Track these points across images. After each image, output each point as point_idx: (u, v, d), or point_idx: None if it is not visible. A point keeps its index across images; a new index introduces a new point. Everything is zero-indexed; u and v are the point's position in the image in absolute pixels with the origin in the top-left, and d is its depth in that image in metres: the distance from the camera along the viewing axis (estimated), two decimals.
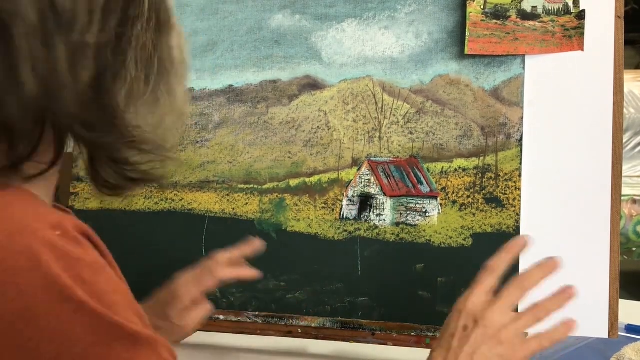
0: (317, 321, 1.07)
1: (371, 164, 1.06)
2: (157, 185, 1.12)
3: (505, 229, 1.00)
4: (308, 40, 1.09)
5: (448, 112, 1.04)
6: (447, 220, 1.02)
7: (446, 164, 1.03)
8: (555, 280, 0.99)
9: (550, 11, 0.99)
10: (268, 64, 1.11)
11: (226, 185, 1.11)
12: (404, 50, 1.06)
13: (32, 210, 0.55)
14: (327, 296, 1.06)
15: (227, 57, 1.12)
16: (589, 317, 0.98)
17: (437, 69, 1.04)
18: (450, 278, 1.02)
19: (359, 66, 1.07)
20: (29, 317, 0.47)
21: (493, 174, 1.01)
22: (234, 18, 1.12)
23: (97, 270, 0.52)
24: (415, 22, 1.05)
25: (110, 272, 0.54)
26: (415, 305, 1.03)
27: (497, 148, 1.01)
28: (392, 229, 1.04)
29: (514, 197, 1.00)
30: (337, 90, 1.08)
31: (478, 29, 1.01)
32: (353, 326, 1.06)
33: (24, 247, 0.49)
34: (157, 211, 1.13)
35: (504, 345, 0.72)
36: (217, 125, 1.12)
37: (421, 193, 1.04)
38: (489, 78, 1.02)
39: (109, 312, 0.50)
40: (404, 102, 1.05)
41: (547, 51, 1.00)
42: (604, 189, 0.97)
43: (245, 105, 1.11)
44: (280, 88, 1.10)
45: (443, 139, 1.04)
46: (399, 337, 1.05)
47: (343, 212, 1.06)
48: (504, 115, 1.01)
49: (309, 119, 1.09)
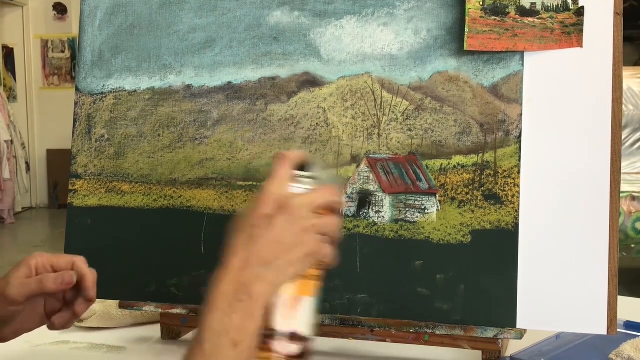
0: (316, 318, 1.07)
1: (370, 161, 1.06)
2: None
3: (504, 226, 1.00)
4: (307, 37, 1.09)
5: (447, 109, 1.04)
6: (446, 217, 1.02)
7: (445, 161, 1.03)
8: (554, 276, 0.99)
9: (549, 8, 0.99)
10: (267, 60, 1.11)
11: (225, 182, 1.11)
12: (402, 47, 1.06)
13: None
14: (326, 293, 1.06)
15: (226, 54, 1.12)
16: (587, 314, 0.98)
17: (436, 65, 1.04)
18: (449, 275, 1.02)
19: (357, 63, 1.07)
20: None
21: (492, 171, 1.01)
22: (232, 15, 1.12)
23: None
24: (414, 19, 1.05)
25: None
26: (414, 302, 1.03)
27: (496, 145, 1.01)
28: (391, 225, 1.04)
29: (512, 193, 1.00)
30: (336, 87, 1.08)
31: (477, 26, 1.01)
32: (352, 323, 1.06)
33: None
34: (155, 208, 1.13)
35: (308, 234, 0.72)
36: (216, 122, 1.12)
37: (420, 190, 1.04)
38: (487, 75, 1.02)
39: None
40: (402, 99, 1.05)
41: (546, 48, 1.00)
42: (602, 185, 0.97)
43: (244, 102, 1.11)
44: (279, 85, 1.10)
45: (442, 136, 1.04)
46: (398, 334, 1.06)
47: (342, 209, 1.06)
48: (502, 112, 1.01)
49: (307, 116, 1.08)
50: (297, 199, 0.73)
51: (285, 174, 0.74)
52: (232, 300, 0.69)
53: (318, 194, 0.74)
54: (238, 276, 0.70)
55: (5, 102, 7.18)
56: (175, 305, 1.13)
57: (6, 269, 0.92)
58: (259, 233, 0.71)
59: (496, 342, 1.02)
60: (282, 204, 0.72)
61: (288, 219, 0.71)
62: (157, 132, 1.14)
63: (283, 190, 0.73)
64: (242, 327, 0.69)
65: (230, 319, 0.68)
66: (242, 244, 0.71)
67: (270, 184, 0.73)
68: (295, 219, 0.72)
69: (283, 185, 0.73)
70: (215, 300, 0.69)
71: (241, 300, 0.69)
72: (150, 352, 1.16)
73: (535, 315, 0.99)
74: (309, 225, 0.72)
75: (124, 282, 1.14)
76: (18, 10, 7.80)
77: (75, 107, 1.18)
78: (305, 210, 0.72)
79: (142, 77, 1.15)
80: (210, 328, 0.68)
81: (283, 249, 0.71)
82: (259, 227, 0.71)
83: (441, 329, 1.02)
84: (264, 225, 0.71)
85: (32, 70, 7.87)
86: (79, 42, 1.19)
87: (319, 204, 0.73)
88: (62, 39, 7.86)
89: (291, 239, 0.71)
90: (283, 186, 0.73)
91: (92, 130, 1.17)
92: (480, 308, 1.00)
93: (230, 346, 0.68)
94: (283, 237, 0.71)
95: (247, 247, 0.71)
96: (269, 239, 0.71)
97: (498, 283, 1.00)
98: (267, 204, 0.72)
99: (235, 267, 0.70)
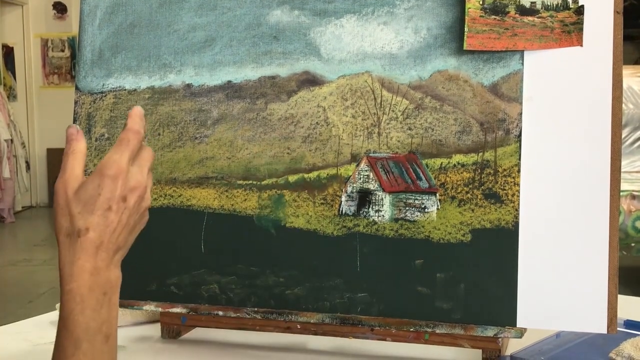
0: (316, 317, 1.07)
1: (370, 159, 1.06)
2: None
3: (504, 225, 1.00)
4: (307, 36, 1.09)
5: (447, 108, 1.04)
6: (446, 216, 1.02)
7: (445, 160, 1.03)
8: (554, 275, 0.99)
9: (549, 7, 0.99)
10: (267, 59, 1.11)
11: (225, 181, 1.11)
12: (402, 46, 1.06)
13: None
14: (326, 292, 1.06)
15: (226, 53, 1.12)
16: (587, 313, 0.98)
17: (436, 64, 1.04)
18: (449, 274, 1.02)
19: (357, 62, 1.07)
20: None
21: (492, 170, 1.01)
22: (232, 14, 1.12)
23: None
24: (414, 18, 1.05)
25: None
26: (414, 301, 1.03)
27: (496, 144, 1.01)
28: (391, 224, 1.04)
29: (512, 192, 1.00)
30: (336, 86, 1.08)
31: (477, 25, 1.01)
32: (352, 322, 1.06)
33: None
34: (155, 207, 1.13)
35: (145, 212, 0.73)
36: (216, 121, 1.12)
37: (420, 189, 1.04)
38: (487, 73, 1.02)
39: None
40: (402, 98, 1.05)
41: (545, 47, 0.99)
42: (602, 184, 0.97)
43: (244, 101, 1.11)
44: (278, 84, 1.10)
45: (442, 135, 1.04)
46: (398, 333, 1.06)
47: (342, 208, 1.06)
48: (502, 110, 1.01)
49: (307, 115, 1.08)
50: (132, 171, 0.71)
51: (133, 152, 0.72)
52: (99, 294, 0.68)
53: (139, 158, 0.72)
54: (98, 268, 0.68)
55: (5, 101, 7.18)
56: (176, 304, 1.13)
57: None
58: (113, 218, 0.69)
59: (496, 341, 1.02)
60: (129, 186, 0.70)
61: (138, 200, 0.71)
62: (157, 131, 1.14)
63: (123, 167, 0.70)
64: (110, 319, 0.69)
65: (100, 314, 0.67)
66: (97, 227, 0.68)
67: (119, 159, 0.70)
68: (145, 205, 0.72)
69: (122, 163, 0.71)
70: (83, 297, 0.67)
71: (106, 292, 0.68)
72: (151, 351, 1.16)
73: (535, 314, 0.99)
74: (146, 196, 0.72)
75: (124, 281, 1.13)
76: (18, 9, 7.80)
77: (75, 106, 1.18)
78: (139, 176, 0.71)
79: (142, 76, 1.15)
80: (86, 328, 0.66)
81: (131, 230, 0.71)
82: (115, 212, 0.69)
83: (441, 327, 1.02)
84: (120, 208, 0.69)
85: (32, 69, 7.87)
86: (78, 41, 1.19)
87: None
88: (62, 38, 7.85)
89: (137, 219, 0.72)
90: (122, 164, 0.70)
91: (92, 129, 1.17)
92: (480, 307, 1.00)
93: (104, 341, 0.67)
94: (132, 221, 0.71)
95: (101, 235, 0.68)
96: (122, 223, 0.70)
97: (498, 282, 1.00)
98: (116, 184, 0.69)
99: (93, 257, 0.68)
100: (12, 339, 1.21)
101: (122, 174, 0.70)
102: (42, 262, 5.15)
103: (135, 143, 0.72)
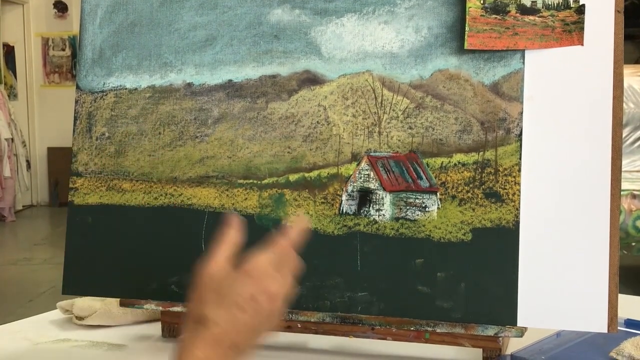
0: (317, 316, 1.07)
1: (371, 159, 1.06)
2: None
3: (505, 224, 1.00)
4: (307, 35, 1.09)
5: (448, 107, 1.04)
6: (446, 215, 1.02)
7: (446, 159, 1.03)
8: (554, 274, 0.99)
9: (549, 6, 0.99)
10: (267, 58, 1.10)
11: (226, 180, 1.11)
12: (403, 45, 1.06)
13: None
14: (327, 291, 1.06)
15: (227, 52, 1.12)
16: (588, 312, 0.98)
17: (437, 63, 1.04)
18: (450, 273, 1.02)
19: (358, 61, 1.07)
20: None
21: (492, 169, 1.01)
22: (233, 13, 1.12)
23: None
24: (415, 17, 1.05)
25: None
26: (415, 300, 1.03)
27: (496, 143, 1.01)
28: (391, 224, 1.04)
29: (513, 192, 1.00)
30: (337, 85, 1.08)
31: (477, 24, 1.01)
32: (352, 321, 1.06)
33: None
34: (156, 206, 1.13)
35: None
36: (217, 120, 1.12)
37: (421, 188, 1.04)
38: (488, 73, 1.02)
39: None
40: (403, 97, 1.05)
41: (546, 46, 0.99)
42: (603, 183, 0.97)
43: (245, 100, 1.11)
44: (279, 83, 1.10)
45: (442, 134, 1.03)
46: (399, 332, 1.06)
47: (342, 207, 1.06)
48: (503, 110, 1.01)
49: (308, 114, 1.08)
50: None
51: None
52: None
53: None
54: (209, 359, 0.68)
55: (5, 100, 7.18)
56: (176, 303, 1.13)
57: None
58: (243, 318, 0.69)
59: (497, 340, 1.02)
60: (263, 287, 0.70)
61: (268, 307, 0.70)
62: (157, 130, 1.14)
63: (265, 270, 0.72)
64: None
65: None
66: (223, 322, 0.69)
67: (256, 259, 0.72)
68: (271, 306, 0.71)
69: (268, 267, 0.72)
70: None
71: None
72: (151, 350, 1.16)
73: (536, 313, 0.99)
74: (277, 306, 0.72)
75: (125, 280, 1.14)
76: (19, 8, 7.80)
77: (75, 105, 1.18)
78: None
79: (143, 75, 1.15)
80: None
81: (255, 332, 0.71)
82: (245, 312, 0.70)
83: (442, 327, 1.02)
84: (251, 310, 0.70)
85: (33, 68, 7.87)
86: (79, 40, 1.19)
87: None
88: (63, 37, 7.86)
89: (264, 326, 0.71)
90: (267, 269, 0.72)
91: (93, 128, 1.17)
92: (481, 306, 1.00)
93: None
94: (260, 325, 0.70)
95: (226, 331, 0.69)
96: (248, 325, 0.70)
97: (498, 281, 1.00)
98: (251, 283, 0.70)
99: (209, 349, 0.68)
100: (12, 338, 1.21)
101: (261, 275, 0.71)
102: (43, 261, 5.15)
103: (286, 252, 0.74)
